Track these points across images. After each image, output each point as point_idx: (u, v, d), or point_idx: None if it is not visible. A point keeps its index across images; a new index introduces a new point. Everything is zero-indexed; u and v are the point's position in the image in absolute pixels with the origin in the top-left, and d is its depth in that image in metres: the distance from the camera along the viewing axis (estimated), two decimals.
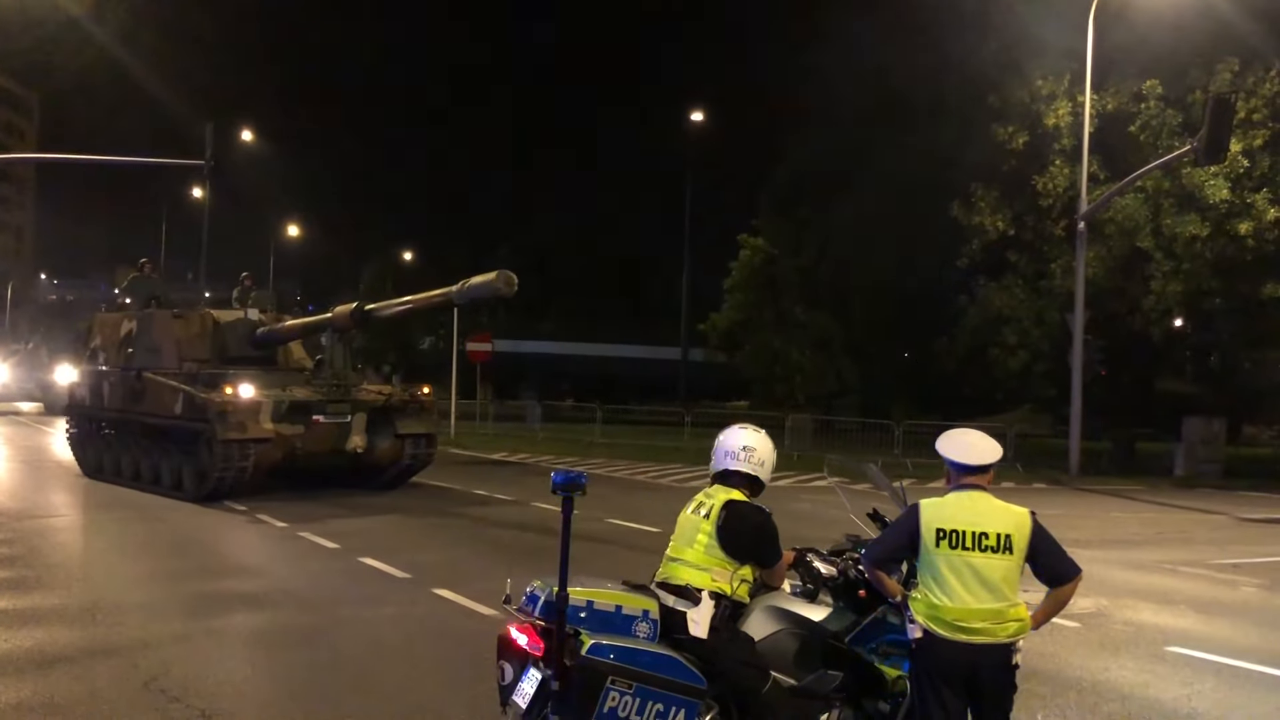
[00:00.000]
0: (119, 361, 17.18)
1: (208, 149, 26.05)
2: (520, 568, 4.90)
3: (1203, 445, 26.82)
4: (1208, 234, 24.70)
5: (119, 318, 18.08)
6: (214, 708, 6.06)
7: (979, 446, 4.43)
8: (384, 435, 16.13)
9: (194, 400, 14.89)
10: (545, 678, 4.17)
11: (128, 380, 16.47)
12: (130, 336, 17.24)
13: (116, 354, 17.40)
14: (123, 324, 17.66)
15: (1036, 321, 27.56)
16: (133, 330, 17.26)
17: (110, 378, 17.16)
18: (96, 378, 17.65)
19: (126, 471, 16.78)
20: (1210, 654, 8.00)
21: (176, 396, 15.26)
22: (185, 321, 17.05)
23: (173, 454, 15.71)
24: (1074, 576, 4.33)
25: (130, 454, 16.76)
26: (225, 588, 9.46)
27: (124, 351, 17.17)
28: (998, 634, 4.19)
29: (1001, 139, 27.29)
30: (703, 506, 4.73)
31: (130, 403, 16.40)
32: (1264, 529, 16.55)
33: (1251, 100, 24.79)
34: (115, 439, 17.26)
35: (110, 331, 17.99)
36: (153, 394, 15.88)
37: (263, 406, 14.80)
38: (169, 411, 15.43)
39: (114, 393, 16.94)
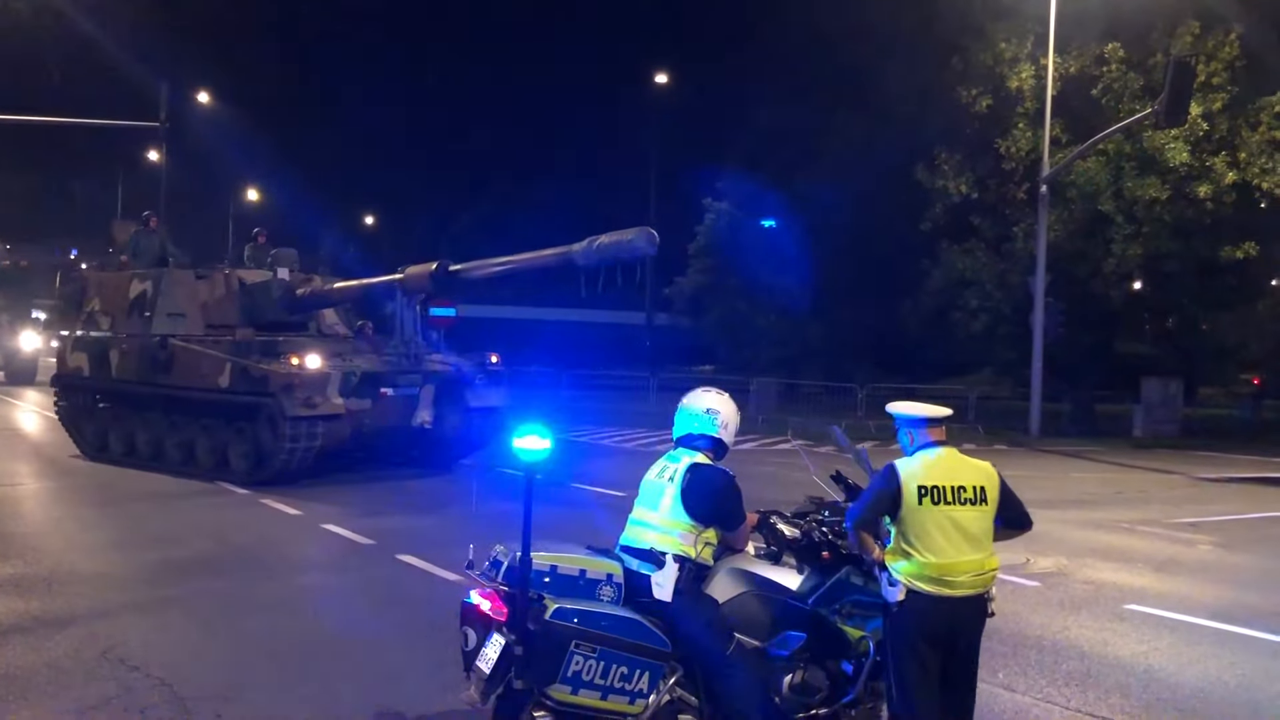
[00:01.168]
0: (131, 327, 15.39)
1: (162, 110, 25.60)
2: (484, 533, 4.86)
3: (1161, 406, 27.23)
4: (1167, 197, 24.91)
5: (124, 278, 16.01)
6: (174, 676, 6.00)
7: (930, 405, 4.57)
8: (453, 409, 14.67)
9: (250, 371, 13.32)
10: (509, 643, 4.14)
11: (147, 348, 14.79)
12: (145, 299, 15.35)
13: (126, 318, 15.55)
14: (131, 284, 15.68)
15: (999, 285, 27.75)
16: (147, 292, 15.37)
17: (120, 345, 15.33)
18: (98, 345, 15.80)
19: (144, 451, 15.12)
20: (1167, 611, 8.13)
21: (222, 366, 13.70)
22: (210, 282, 15.56)
23: (215, 432, 14.20)
24: (1028, 527, 4.61)
25: (149, 431, 15.12)
26: (184, 555, 9.36)
27: (138, 316, 15.33)
28: (977, 585, 4.30)
29: (965, 102, 27.31)
30: (666, 470, 4.70)
31: (151, 373, 14.67)
32: (1220, 488, 16.84)
33: (1211, 64, 24.94)
34: (127, 414, 15.49)
35: (113, 293, 16.00)
36: (186, 364, 14.26)
37: (331, 378, 13.25)
38: (211, 384, 13.84)
39: (126, 362, 15.14)
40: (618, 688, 4.20)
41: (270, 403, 13.07)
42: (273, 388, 13.03)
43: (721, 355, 41.58)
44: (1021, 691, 6.14)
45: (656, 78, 42.27)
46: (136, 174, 51.92)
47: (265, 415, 13.28)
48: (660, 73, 42.32)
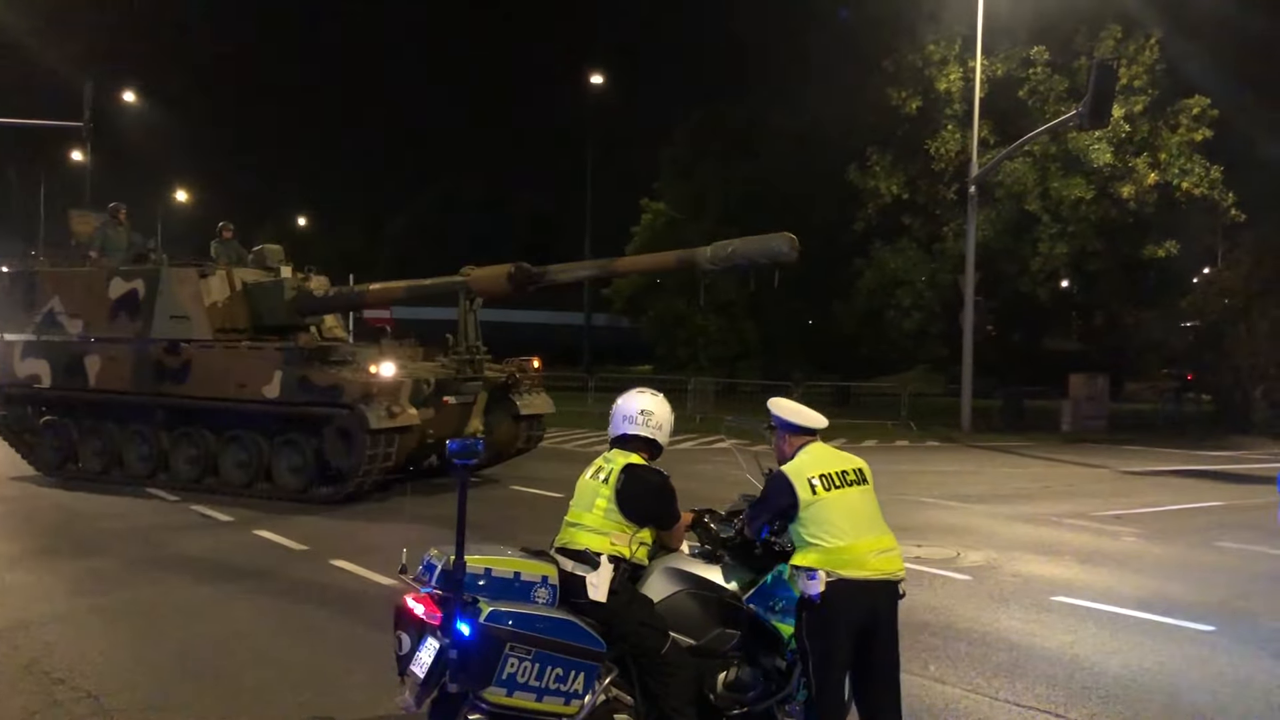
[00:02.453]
0: (117, 330, 14.01)
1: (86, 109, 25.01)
2: (418, 537, 4.83)
3: (1087, 401, 27.87)
4: (1092, 197, 25.54)
5: (97, 275, 14.44)
6: (101, 688, 5.88)
7: (817, 415, 4.73)
8: (501, 417, 14.16)
9: (312, 380, 12.42)
10: (443, 646, 4.12)
11: (145, 354, 13.59)
12: (135, 300, 13.96)
13: (108, 321, 14.09)
14: (111, 283, 14.17)
15: (930, 283, 28.22)
16: (138, 292, 13.97)
17: (102, 351, 13.95)
18: (65, 351, 14.24)
19: (139, 469, 13.90)
20: (1093, 602, 8.33)
21: (270, 374, 12.66)
22: (214, 282, 14.16)
23: (248, 446, 13.13)
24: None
25: (142, 447, 13.92)
26: (110, 564, 9.16)
27: (126, 318, 13.97)
28: (885, 566, 4.40)
29: (895, 103, 27.71)
30: (601, 471, 4.72)
31: (153, 382, 13.51)
32: (1144, 481, 17.27)
33: (1133, 67, 25.63)
34: (110, 429, 14.14)
35: (84, 293, 14.42)
36: (210, 371, 13.20)
37: (404, 387, 12.56)
38: (251, 394, 12.79)
39: (113, 369, 13.81)
40: (553, 689, 4.20)
41: (343, 414, 12.25)
42: (348, 398, 12.20)
43: (660, 354, 41.70)
44: (952, 683, 6.26)
45: (592, 78, 42.28)
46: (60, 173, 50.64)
47: (336, 428, 12.43)
48: (595, 73, 42.33)
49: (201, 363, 13.30)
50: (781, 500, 4.49)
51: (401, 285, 14.92)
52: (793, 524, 4.48)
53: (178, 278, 13.97)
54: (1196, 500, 14.69)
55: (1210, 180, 25.87)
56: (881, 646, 4.42)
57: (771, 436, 4.82)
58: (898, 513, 7.26)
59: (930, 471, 17.58)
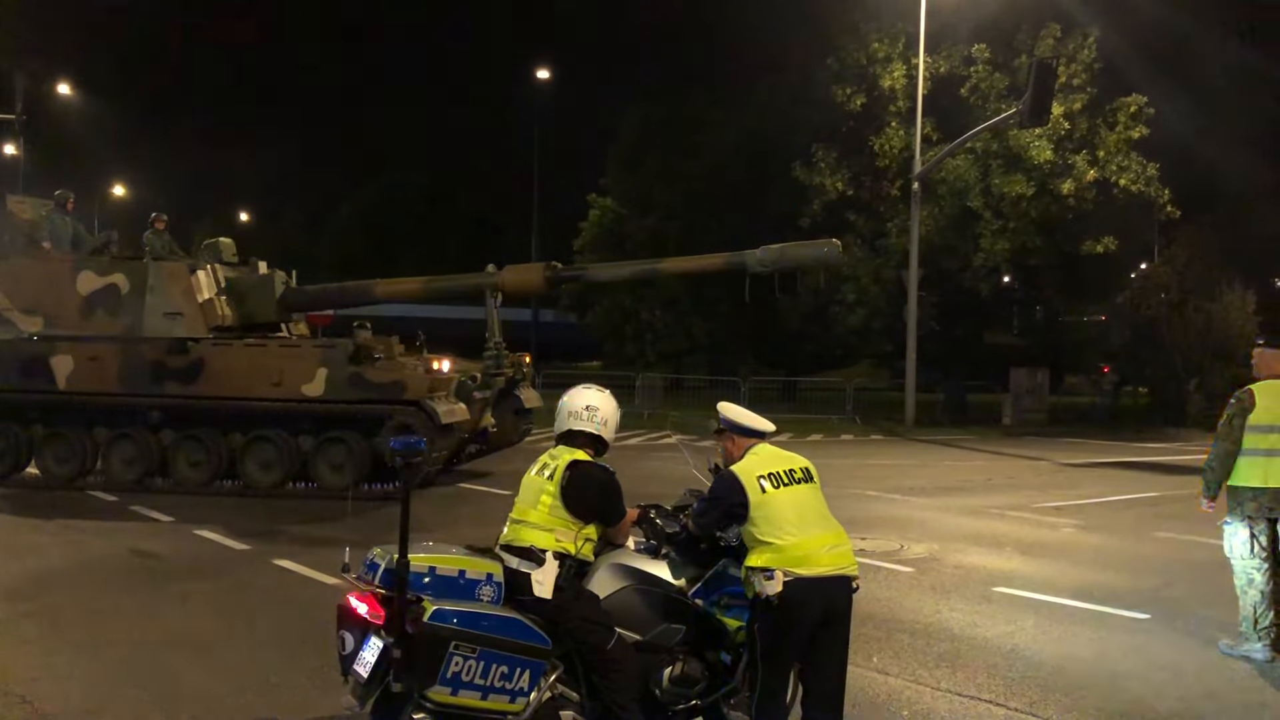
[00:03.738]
0: (95, 327, 13.24)
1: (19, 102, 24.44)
2: (361, 536, 4.79)
3: (1028, 395, 28.34)
4: (1032, 194, 25.95)
5: (58, 267, 13.54)
6: (36, 693, 5.76)
7: (765, 420, 4.82)
8: (505, 411, 14.33)
9: (367, 377, 12.49)
10: (387, 645, 4.10)
11: (138, 353, 13.00)
12: (116, 295, 13.28)
13: (80, 317, 13.29)
14: (80, 277, 13.36)
15: (874, 279, 28.48)
16: (119, 287, 13.28)
17: (81, 350, 13.09)
18: (21, 350, 13.26)
19: (123, 475, 13.27)
20: (1032, 593, 8.47)
21: (312, 372, 12.57)
22: (203, 277, 13.63)
23: (284, 446, 12.90)
24: None
25: (129, 450, 13.30)
26: (44, 566, 8.96)
27: (104, 314, 13.26)
28: (838, 562, 4.45)
29: (840, 100, 27.93)
30: (546, 468, 4.71)
31: (150, 383, 12.94)
32: (1082, 473, 17.60)
33: (1072, 66, 26.07)
34: (79, 433, 13.36)
35: (43, 287, 13.43)
36: (232, 369, 12.84)
37: (451, 384, 12.80)
38: (289, 393, 12.63)
39: (92, 370, 13.03)
40: (498, 687, 4.19)
41: (407, 410, 12.34)
42: (412, 394, 12.37)
43: (608, 350, 41.67)
44: (895, 674, 6.33)
45: (538, 73, 42.11)
46: None
47: (396, 424, 12.39)
48: (541, 68, 42.16)
49: (217, 361, 12.94)
50: (730, 498, 4.52)
51: (419, 281, 14.94)
52: (744, 525, 4.50)
53: (169, 273, 13.43)
54: (1133, 491, 14.99)
55: (1146, 177, 26.42)
56: (831, 640, 4.47)
57: (720, 439, 4.86)
58: (842, 506, 7.32)
59: (874, 465, 17.77)
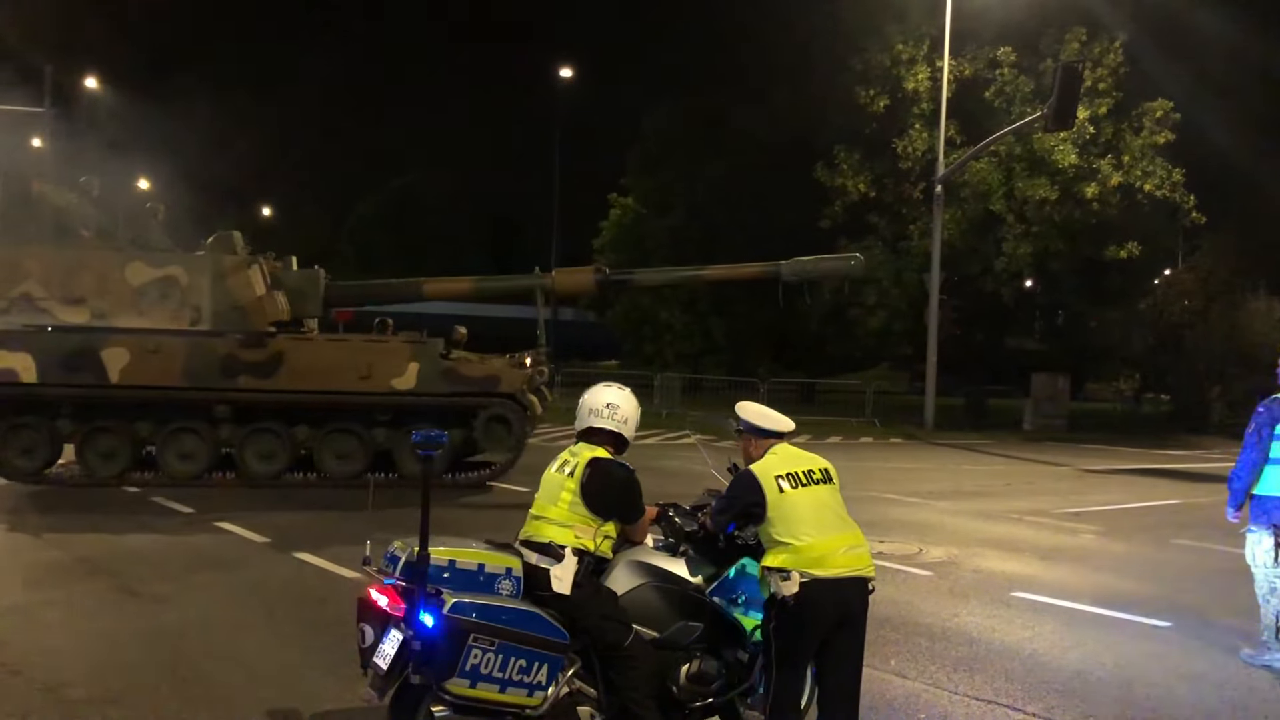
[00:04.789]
0: (153, 320, 12.83)
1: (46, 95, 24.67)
2: (382, 529, 4.82)
3: (1049, 401, 28.21)
4: (1056, 198, 25.82)
5: (107, 257, 13.00)
6: (58, 680, 5.81)
7: (783, 419, 4.77)
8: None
9: (461, 371, 13.08)
10: (406, 638, 4.12)
11: (208, 347, 12.82)
12: (173, 288, 12.90)
13: (132, 309, 12.77)
14: (129, 268, 12.88)
15: (895, 282, 28.40)
16: (177, 280, 12.92)
17: (139, 343, 12.62)
18: (67, 341, 12.61)
19: (180, 469, 13.08)
20: (1051, 598, 8.44)
21: (404, 366, 12.95)
22: (257, 272, 13.36)
23: (366, 439, 13.29)
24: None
25: (182, 446, 13.11)
26: (68, 556, 9.05)
27: (166, 308, 12.88)
28: (855, 563, 4.42)
29: (863, 102, 27.86)
30: (567, 464, 4.72)
31: (225, 377, 12.80)
32: (1103, 479, 17.50)
33: (1098, 70, 25.92)
34: (133, 430, 13.11)
35: (89, 277, 12.81)
36: (315, 364, 12.94)
37: (529, 378, 13.50)
38: (379, 386, 12.93)
39: (152, 364, 12.62)
40: (516, 680, 4.21)
41: (502, 403, 13.20)
42: (507, 388, 13.20)
43: (626, 350, 41.70)
44: (912, 678, 6.32)
45: (561, 72, 42.17)
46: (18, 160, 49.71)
47: (491, 416, 13.23)
48: (564, 67, 42.22)
49: (297, 355, 13.04)
50: (748, 498, 4.51)
51: (469, 281, 15.52)
52: (762, 525, 4.49)
53: (230, 266, 13.22)
54: (1153, 498, 14.91)
55: (1172, 183, 26.26)
56: (847, 642, 4.45)
57: (739, 439, 4.85)
58: (861, 509, 7.29)
59: (893, 468, 17.72)
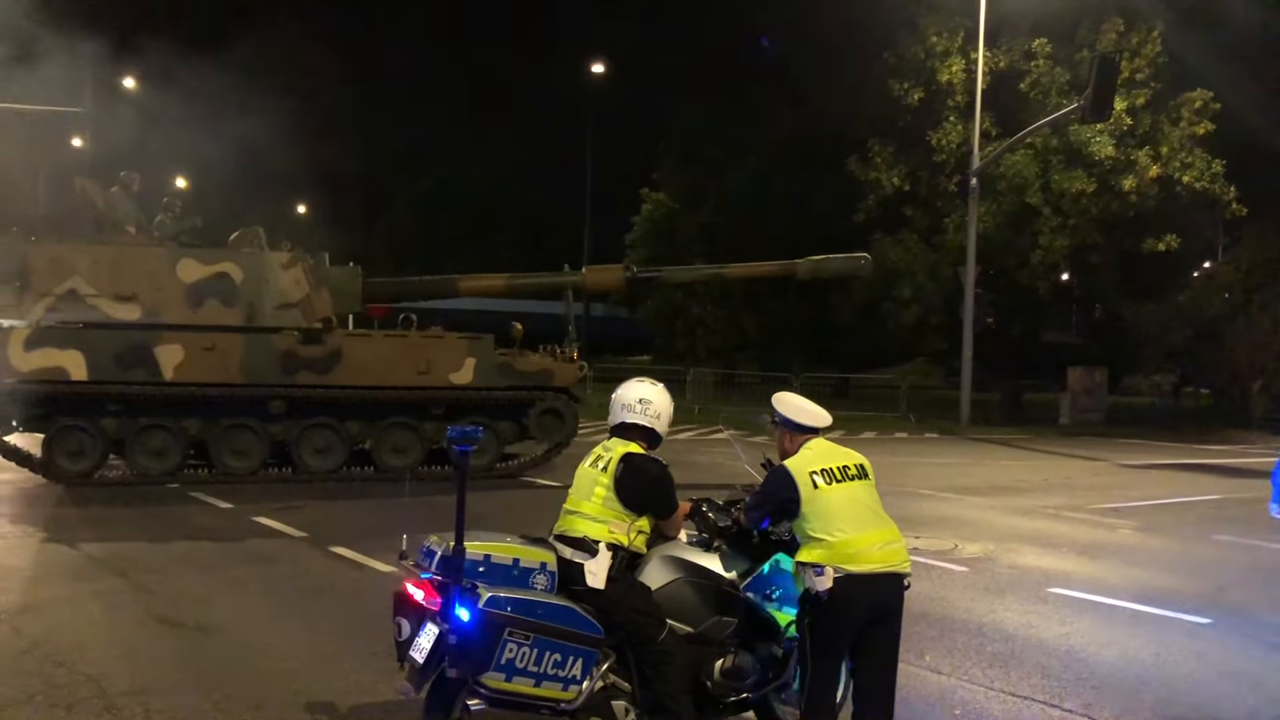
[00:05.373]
0: (205, 317, 12.72)
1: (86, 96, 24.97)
2: (417, 524, 4.86)
3: (1086, 395, 27.93)
4: (1093, 190, 25.53)
5: (156, 253, 12.81)
6: (101, 671, 5.90)
7: (820, 412, 4.74)
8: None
9: (515, 366, 13.65)
10: (442, 632, 4.15)
11: (265, 343, 12.86)
12: (226, 285, 12.85)
13: (184, 306, 12.65)
14: (180, 264, 12.72)
15: (930, 275, 28.19)
16: (230, 276, 12.87)
17: (193, 340, 12.56)
18: (118, 339, 12.40)
19: (234, 466, 13.05)
20: (1088, 594, 8.36)
21: (461, 361, 13.33)
22: (304, 268, 13.39)
23: (423, 432, 13.55)
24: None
25: (237, 442, 13.08)
26: (110, 550, 9.18)
27: (219, 305, 12.79)
28: (889, 559, 4.39)
29: (897, 95, 27.67)
30: (600, 459, 4.74)
31: (284, 373, 12.88)
32: (1141, 474, 17.31)
33: (1135, 60, 25.59)
34: (183, 426, 12.92)
35: (144, 273, 12.62)
36: (372, 360, 13.16)
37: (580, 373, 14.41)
38: (437, 380, 13.25)
39: (208, 361, 12.59)
40: (551, 674, 4.23)
41: (554, 396, 13.88)
42: (560, 381, 13.90)
43: (659, 345, 41.68)
44: (947, 673, 6.29)
45: (593, 67, 42.17)
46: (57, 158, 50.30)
47: (545, 408, 13.89)
48: (596, 62, 42.22)
49: (356, 351, 13.23)
50: (782, 494, 4.49)
51: (503, 278, 15.90)
52: (796, 520, 4.47)
53: (280, 263, 13.24)
54: (1193, 494, 14.73)
55: (1211, 174, 25.86)
56: (882, 637, 4.43)
57: (774, 430, 4.82)
58: (896, 504, 7.24)
59: (928, 464, 17.62)
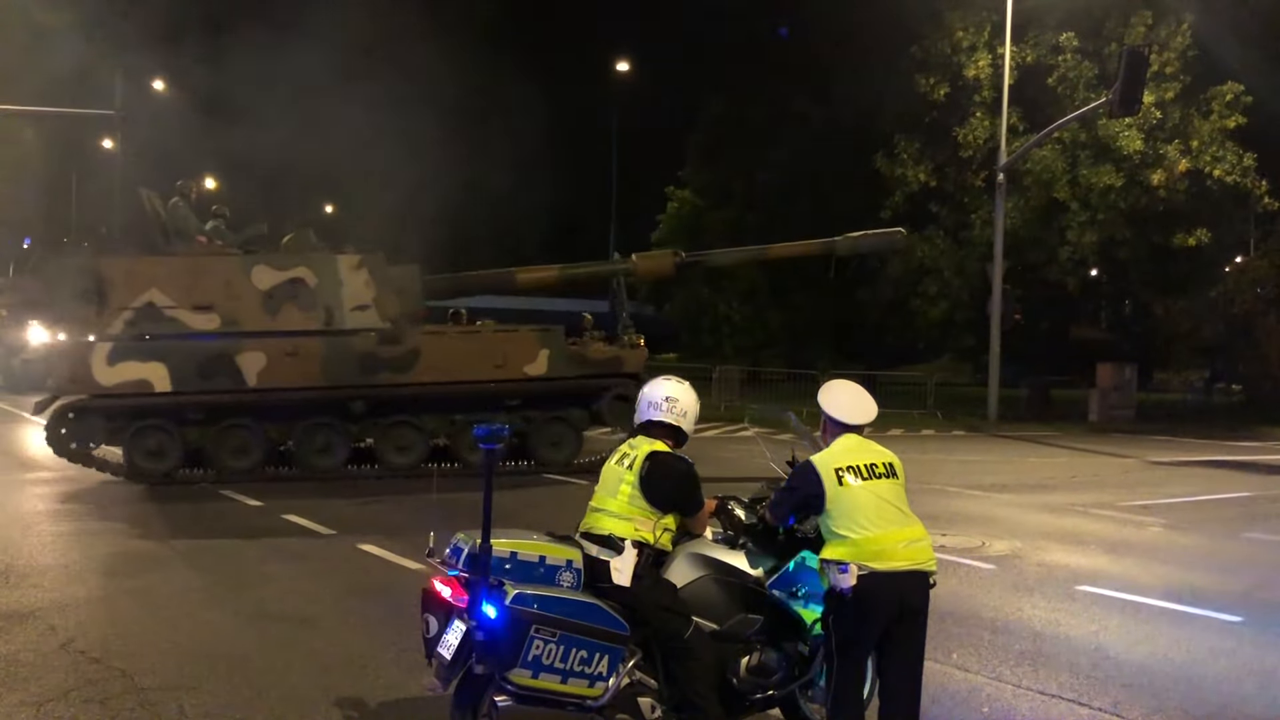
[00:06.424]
0: (285, 323, 13.05)
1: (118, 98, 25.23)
2: (444, 521, 4.90)
3: (1115, 391, 27.65)
4: (1122, 184, 25.30)
5: (231, 262, 13.18)
6: (134, 667, 5.99)
7: (862, 406, 4.73)
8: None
9: (588, 356, 14.08)
10: (470, 628, 4.19)
11: (346, 346, 13.15)
12: (303, 290, 13.15)
13: (262, 313, 12.97)
14: (254, 271, 13.03)
15: (957, 272, 28.02)
16: (305, 281, 13.15)
17: (275, 346, 12.88)
18: (198, 350, 12.74)
19: (318, 464, 13.43)
20: (1118, 592, 8.30)
21: (535, 353, 13.71)
22: (370, 268, 13.69)
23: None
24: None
25: (319, 442, 13.46)
26: (143, 547, 9.31)
27: (297, 310, 13.12)
28: (915, 557, 4.38)
29: (923, 90, 27.51)
30: (626, 457, 4.76)
31: (364, 374, 13.20)
32: (1171, 471, 17.15)
33: (1164, 54, 25.32)
34: (264, 429, 13.31)
35: (220, 282, 12.94)
36: (451, 356, 13.52)
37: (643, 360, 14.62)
38: (512, 374, 13.63)
39: (289, 366, 12.89)
40: (578, 671, 4.26)
41: (623, 383, 13.91)
42: (630, 368, 14.18)
43: (685, 342, 41.64)
44: (974, 671, 6.27)
45: (617, 66, 42.19)
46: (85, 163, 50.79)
47: (615, 395, 14.00)
48: (621, 60, 42.23)
49: (435, 349, 13.61)
50: (808, 489, 4.49)
51: (556, 270, 16.32)
52: (821, 516, 4.48)
53: (350, 265, 13.53)
54: (1224, 491, 14.58)
55: (1243, 168, 25.55)
56: (908, 634, 4.42)
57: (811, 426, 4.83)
58: (923, 501, 7.23)
59: (956, 461, 17.54)
